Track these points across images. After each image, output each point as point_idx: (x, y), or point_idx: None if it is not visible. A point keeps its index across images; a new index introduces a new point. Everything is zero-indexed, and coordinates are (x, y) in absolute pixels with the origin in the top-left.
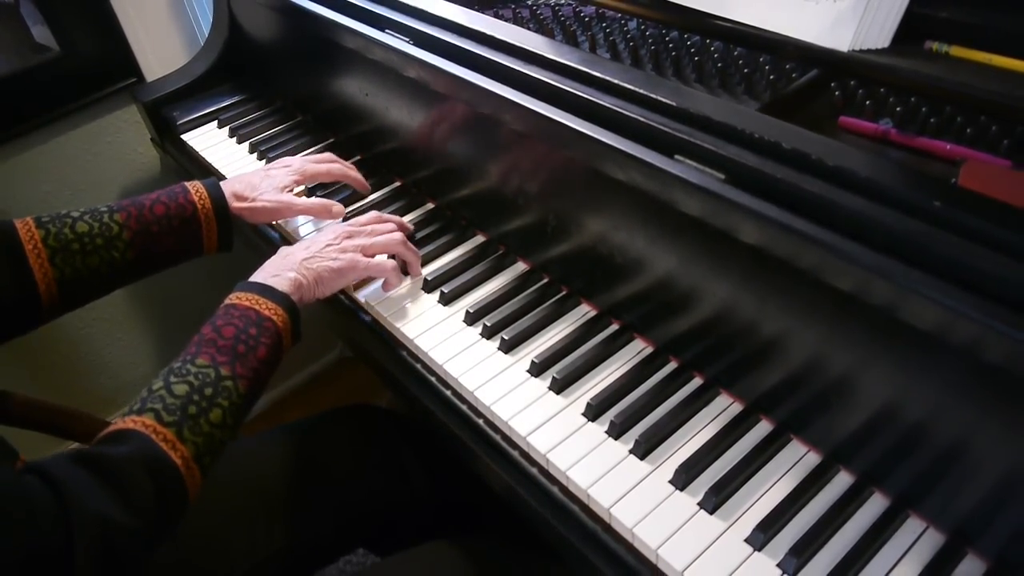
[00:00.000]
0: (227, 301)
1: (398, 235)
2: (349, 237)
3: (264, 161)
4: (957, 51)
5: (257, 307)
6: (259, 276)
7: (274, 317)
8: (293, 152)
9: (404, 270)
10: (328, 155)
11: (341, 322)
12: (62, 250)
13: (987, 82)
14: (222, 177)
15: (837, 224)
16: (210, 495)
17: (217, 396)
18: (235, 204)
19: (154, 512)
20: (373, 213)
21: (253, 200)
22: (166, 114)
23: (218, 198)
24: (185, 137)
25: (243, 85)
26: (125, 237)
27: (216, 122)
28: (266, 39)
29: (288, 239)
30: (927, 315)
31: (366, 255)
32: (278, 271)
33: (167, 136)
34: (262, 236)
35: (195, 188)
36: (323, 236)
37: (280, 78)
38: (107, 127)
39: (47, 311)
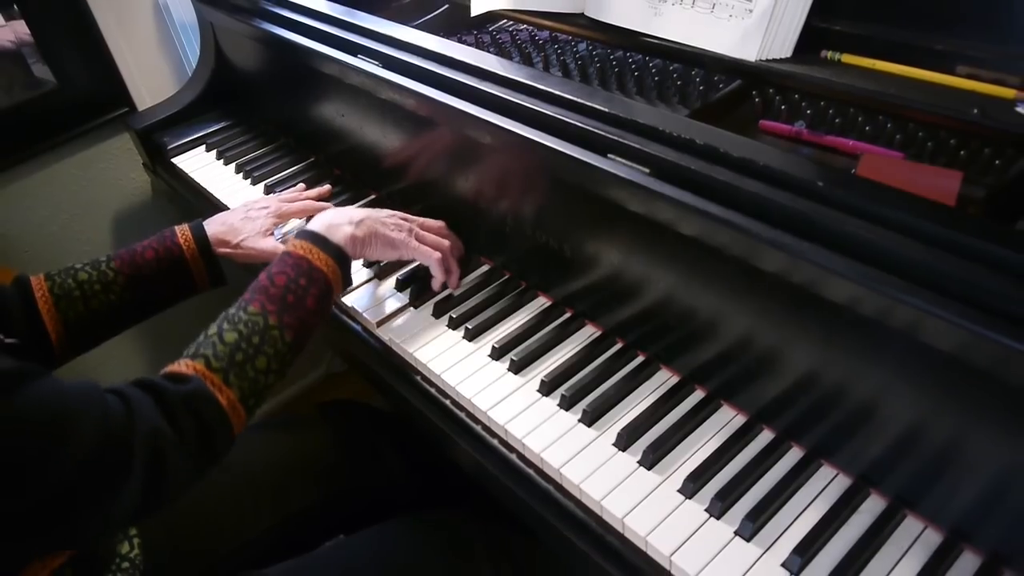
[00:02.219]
0: (284, 248)
1: (446, 242)
2: (405, 220)
3: (249, 180)
4: (847, 58)
5: (310, 256)
6: (316, 224)
7: (325, 268)
8: (277, 171)
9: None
10: (297, 192)
11: (337, 336)
12: (65, 296)
13: (870, 83)
14: (212, 200)
15: (742, 206)
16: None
17: (264, 344)
18: (220, 249)
19: (196, 438)
20: (438, 222)
21: (236, 246)
22: (157, 140)
23: (202, 240)
24: (176, 161)
25: (229, 111)
26: (120, 282)
27: (204, 146)
28: (249, 68)
29: None
30: (834, 290)
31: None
32: (334, 222)
33: (158, 160)
34: None
35: (182, 232)
36: (382, 211)
37: (263, 104)
38: (100, 154)
39: (59, 354)
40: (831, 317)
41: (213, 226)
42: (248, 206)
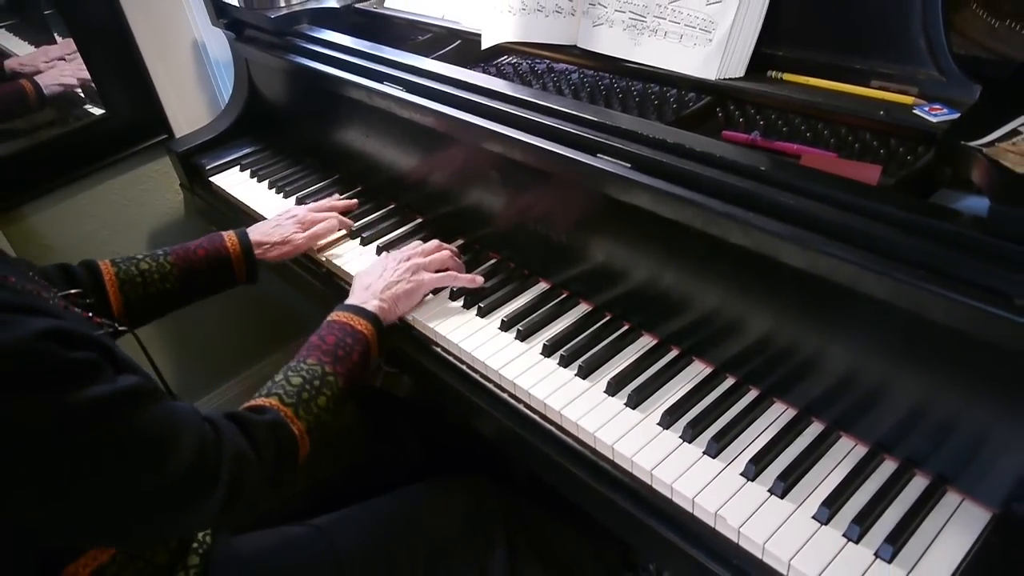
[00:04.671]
0: (329, 318)
1: (446, 252)
2: (408, 260)
3: (282, 195)
4: (788, 76)
5: (351, 323)
6: (352, 299)
7: (365, 331)
8: (306, 186)
9: None
10: (326, 202)
11: None
12: (129, 281)
13: (805, 95)
14: (249, 212)
15: (704, 188)
16: None
17: (323, 387)
18: (259, 251)
19: (274, 461)
20: (431, 243)
21: (270, 247)
22: (196, 162)
23: (246, 244)
24: (214, 179)
25: (259, 136)
26: (175, 273)
27: (239, 167)
28: (279, 98)
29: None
30: (780, 251)
31: (428, 271)
32: (367, 297)
33: (196, 180)
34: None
35: (229, 237)
36: (389, 261)
37: (291, 128)
38: (140, 177)
39: (119, 329)
40: (784, 278)
41: (254, 234)
42: (279, 216)
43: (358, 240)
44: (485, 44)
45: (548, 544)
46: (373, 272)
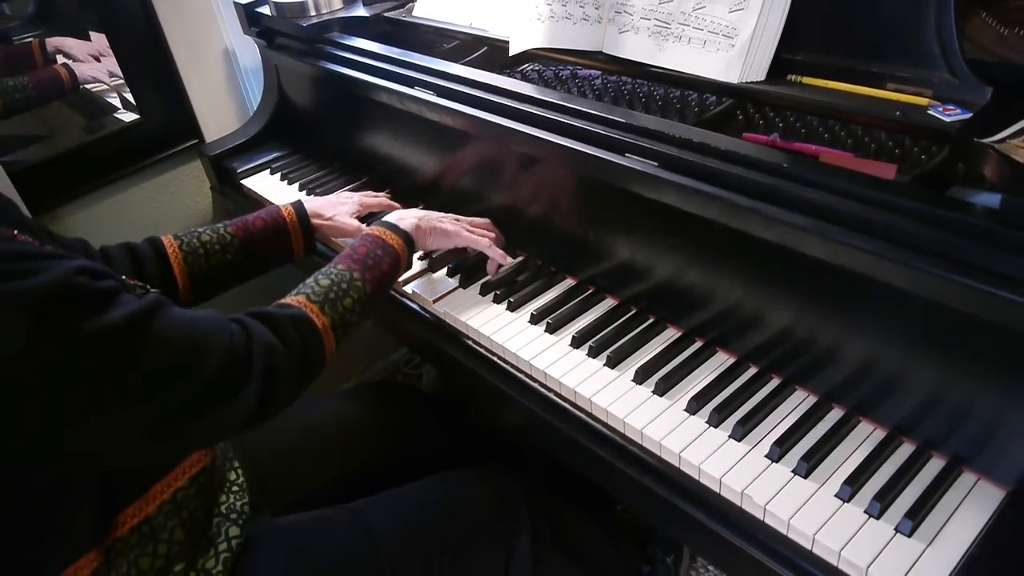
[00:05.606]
0: (364, 231)
1: (488, 221)
2: (457, 219)
3: (313, 196)
4: (807, 80)
5: (384, 236)
6: (389, 216)
7: (395, 245)
8: (335, 188)
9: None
10: (379, 195)
11: (399, 315)
12: (192, 253)
13: (824, 97)
14: None
15: (729, 185)
16: (287, 434)
17: (350, 289)
18: (315, 220)
19: (300, 351)
20: (478, 219)
21: (331, 219)
22: (227, 165)
23: (302, 214)
24: (245, 182)
25: (288, 141)
26: (236, 244)
27: (269, 170)
28: (308, 103)
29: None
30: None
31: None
32: (403, 216)
33: (227, 183)
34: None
35: (286, 208)
36: (439, 212)
37: (320, 133)
38: (171, 180)
39: (184, 303)
40: (805, 270)
41: (310, 203)
42: (339, 194)
43: None
44: (513, 50)
45: (569, 534)
46: (422, 211)
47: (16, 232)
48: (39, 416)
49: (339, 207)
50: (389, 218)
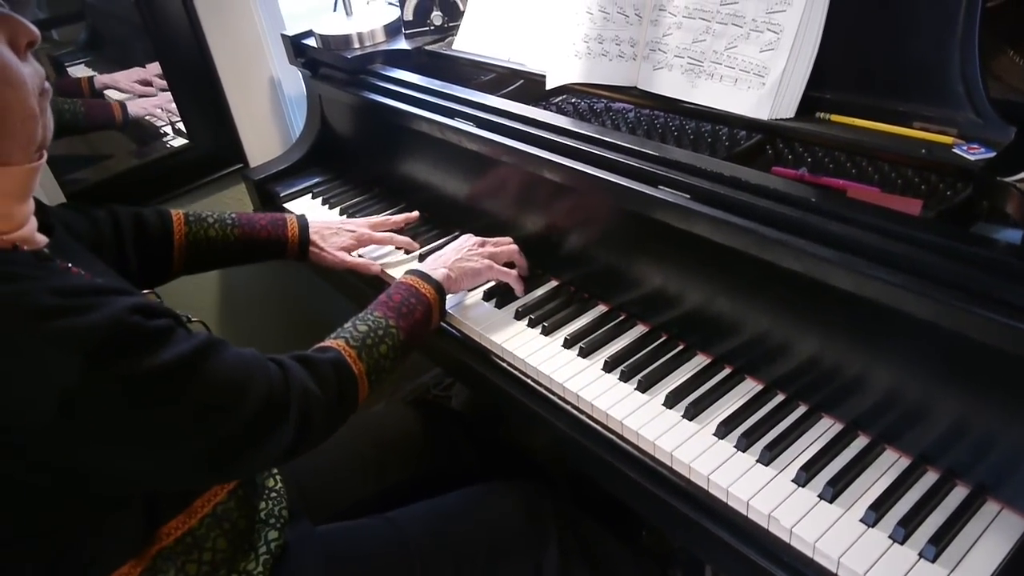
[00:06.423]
0: (398, 279)
1: (515, 247)
2: (482, 245)
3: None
4: (835, 117)
5: (417, 286)
6: (422, 266)
7: (428, 295)
8: (373, 213)
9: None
10: (384, 219)
11: (436, 339)
12: (194, 241)
13: (851, 135)
14: None
15: (758, 218)
16: (326, 451)
17: (385, 337)
18: (310, 248)
19: (336, 396)
20: (505, 238)
21: (321, 249)
22: (270, 189)
23: (304, 238)
24: (287, 205)
25: (329, 167)
26: (235, 241)
27: (310, 194)
28: (349, 131)
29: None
30: (829, 275)
31: (496, 262)
32: (436, 266)
33: (269, 206)
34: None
35: (291, 224)
36: (465, 242)
37: (360, 160)
38: (216, 203)
39: (171, 275)
40: (832, 301)
41: (312, 228)
42: (342, 223)
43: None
44: (550, 84)
45: (595, 550)
46: (450, 248)
47: (70, 265)
48: (84, 445)
49: (334, 238)
50: (422, 267)
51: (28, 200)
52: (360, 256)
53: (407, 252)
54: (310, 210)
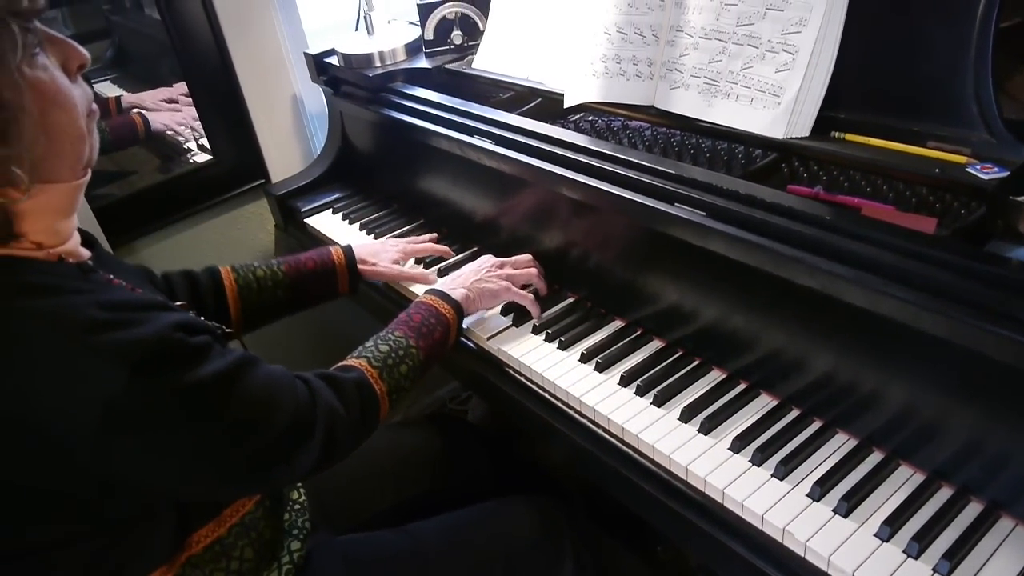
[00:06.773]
0: (418, 299)
1: (534, 269)
2: (501, 267)
3: (372, 236)
4: (850, 136)
5: (436, 305)
6: (441, 285)
7: (447, 315)
8: (394, 228)
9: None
10: (424, 238)
11: (454, 354)
12: (246, 287)
13: (865, 154)
14: None
15: (773, 235)
16: (346, 465)
17: (406, 357)
18: (361, 266)
19: (359, 415)
20: (525, 256)
21: (375, 264)
22: (291, 205)
23: (351, 258)
24: (308, 221)
25: (349, 183)
26: (286, 281)
27: (331, 210)
28: (370, 148)
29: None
30: (843, 292)
31: (514, 284)
32: (455, 285)
33: (291, 221)
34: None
35: (336, 251)
36: (484, 263)
37: (380, 176)
38: (238, 217)
39: (234, 319)
40: (846, 318)
41: (358, 249)
42: (383, 241)
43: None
44: (568, 103)
45: (611, 565)
46: (469, 268)
47: (112, 276)
48: (122, 455)
49: (382, 254)
50: (440, 286)
51: (73, 215)
52: None
53: (443, 259)
54: (330, 225)
